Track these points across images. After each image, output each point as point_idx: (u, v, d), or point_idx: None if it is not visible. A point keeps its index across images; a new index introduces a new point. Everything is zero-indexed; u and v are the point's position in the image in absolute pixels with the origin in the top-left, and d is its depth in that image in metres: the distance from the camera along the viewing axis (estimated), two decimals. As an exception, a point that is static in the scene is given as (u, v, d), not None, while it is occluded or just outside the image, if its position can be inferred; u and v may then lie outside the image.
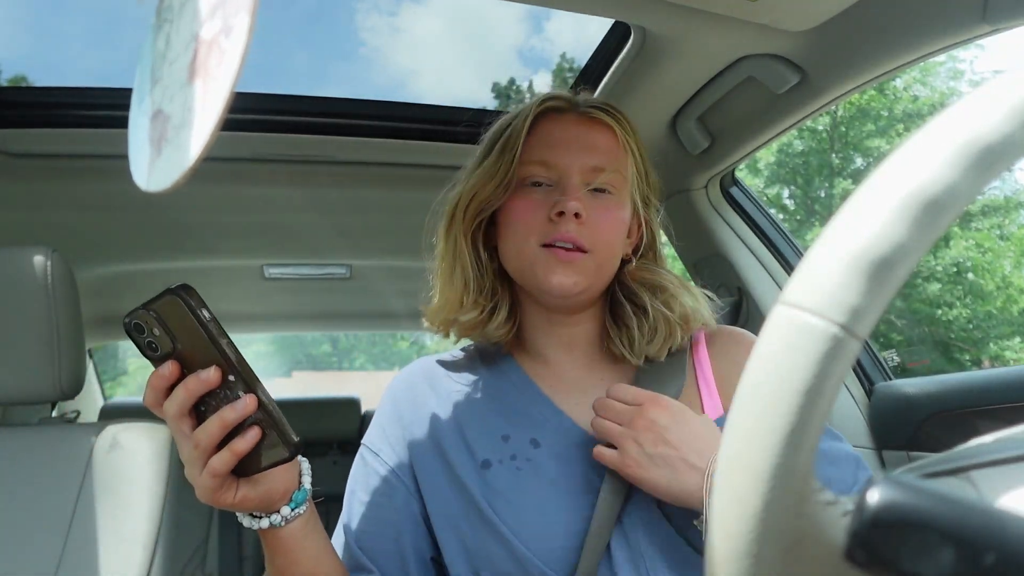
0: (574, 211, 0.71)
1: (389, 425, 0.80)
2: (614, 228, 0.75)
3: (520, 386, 0.79)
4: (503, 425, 0.75)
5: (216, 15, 0.34)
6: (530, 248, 0.73)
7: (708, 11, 0.92)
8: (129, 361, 17.40)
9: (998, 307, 10.32)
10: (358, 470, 0.80)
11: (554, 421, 0.75)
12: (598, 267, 0.74)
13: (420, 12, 38.10)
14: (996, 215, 11.10)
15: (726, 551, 0.27)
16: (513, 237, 0.76)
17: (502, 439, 0.74)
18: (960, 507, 0.24)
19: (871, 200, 0.26)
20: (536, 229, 0.73)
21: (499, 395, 0.78)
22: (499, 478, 0.71)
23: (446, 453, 0.74)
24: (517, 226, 0.75)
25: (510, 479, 0.71)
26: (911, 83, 11.63)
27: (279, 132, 1.33)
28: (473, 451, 0.74)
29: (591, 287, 0.75)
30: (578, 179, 0.74)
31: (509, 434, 0.74)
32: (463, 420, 0.76)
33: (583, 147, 0.76)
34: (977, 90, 0.26)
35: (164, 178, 0.36)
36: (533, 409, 0.76)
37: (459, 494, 0.72)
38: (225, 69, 0.32)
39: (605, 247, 0.74)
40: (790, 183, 12.82)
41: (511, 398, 0.78)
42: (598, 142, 0.77)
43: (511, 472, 0.71)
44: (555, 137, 0.76)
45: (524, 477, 0.71)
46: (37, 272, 1.06)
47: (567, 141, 0.76)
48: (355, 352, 21.41)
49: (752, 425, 0.26)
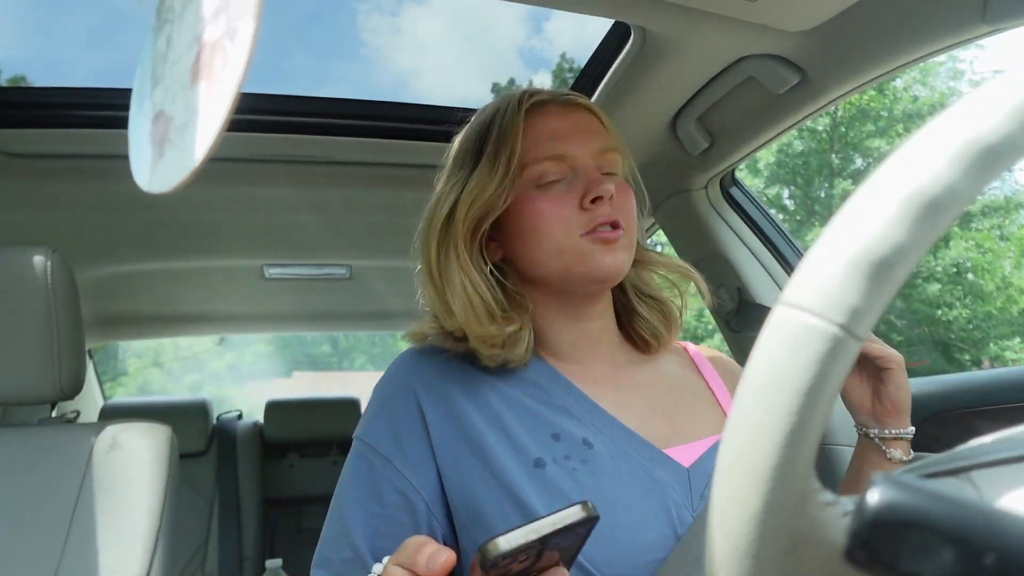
0: (610, 194, 0.71)
1: (405, 424, 0.71)
2: (632, 205, 0.75)
3: (558, 384, 0.74)
4: (551, 422, 0.70)
5: (220, 17, 0.34)
6: (572, 241, 0.71)
7: (708, 11, 0.92)
8: (129, 361, 17.41)
9: (998, 307, 10.32)
10: (361, 474, 0.71)
11: (600, 421, 0.71)
12: (630, 243, 0.74)
13: (421, 12, 38.13)
14: (996, 215, 11.10)
15: (726, 551, 0.27)
16: (547, 239, 0.71)
17: (552, 438, 0.69)
18: (960, 507, 0.24)
19: (871, 200, 0.26)
20: (572, 222, 0.71)
21: (538, 389, 0.73)
22: (557, 478, 0.66)
23: (487, 453, 0.68)
24: (549, 224, 0.71)
25: (569, 479, 0.66)
26: (911, 83, 11.63)
27: (279, 132, 1.33)
28: (523, 449, 0.68)
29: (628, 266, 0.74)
30: (593, 164, 0.74)
31: (559, 432, 0.69)
32: (507, 417, 0.70)
33: (586, 133, 0.75)
34: (977, 90, 0.26)
35: (167, 179, 0.36)
36: (575, 406, 0.72)
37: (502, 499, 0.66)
38: (230, 72, 0.32)
39: (631, 224, 0.74)
40: (790, 183, 12.82)
41: (550, 392, 0.73)
42: (593, 125, 0.77)
43: (568, 472, 0.67)
44: (555, 129, 0.74)
45: (582, 479, 0.66)
46: (37, 272, 1.06)
47: (567, 130, 0.74)
48: (355, 352, 21.40)
49: (752, 425, 0.26)
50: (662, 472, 0.68)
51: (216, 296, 2.41)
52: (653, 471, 0.68)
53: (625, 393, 0.76)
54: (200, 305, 2.52)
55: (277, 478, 2.72)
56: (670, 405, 0.76)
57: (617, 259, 0.71)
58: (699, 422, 0.75)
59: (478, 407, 0.71)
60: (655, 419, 0.73)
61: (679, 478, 0.68)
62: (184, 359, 19.37)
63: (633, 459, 0.68)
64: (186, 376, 20.03)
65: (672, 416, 0.75)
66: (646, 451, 0.69)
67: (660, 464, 0.69)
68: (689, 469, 0.69)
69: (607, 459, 0.68)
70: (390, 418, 0.73)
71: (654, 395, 0.77)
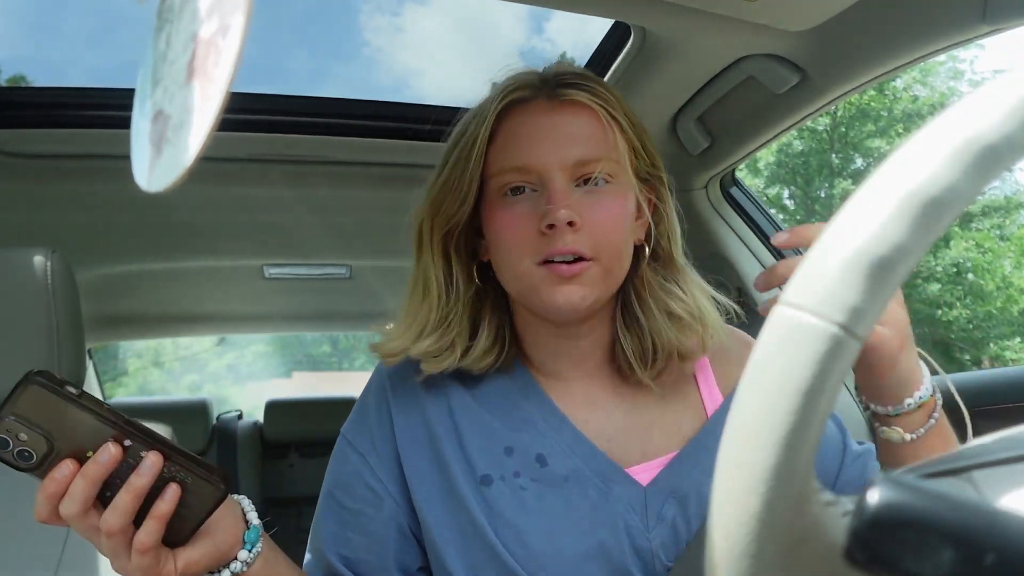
0: (566, 220, 0.61)
1: (377, 425, 0.72)
2: (616, 225, 0.65)
3: (529, 392, 0.71)
4: (507, 436, 0.68)
5: (214, 14, 0.34)
6: (525, 268, 0.64)
7: (708, 11, 0.92)
8: (129, 361, 17.42)
9: (998, 307, 10.32)
10: (339, 469, 0.72)
11: (565, 436, 0.68)
12: (605, 273, 0.65)
13: (422, 12, 38.13)
14: (996, 215, 11.10)
15: (726, 551, 0.27)
16: (505, 256, 0.66)
17: (505, 451, 0.67)
18: (960, 507, 0.24)
19: (871, 200, 0.26)
20: (528, 246, 0.64)
21: (504, 400, 0.71)
22: (500, 497, 0.65)
23: (444, 463, 0.68)
24: (506, 244, 0.66)
25: (512, 499, 0.65)
26: (911, 83, 11.63)
27: (280, 132, 1.33)
28: (473, 464, 0.67)
29: (601, 296, 0.66)
30: (562, 179, 0.64)
31: (513, 446, 0.68)
32: (463, 427, 0.69)
33: (560, 140, 0.65)
34: (977, 90, 0.26)
35: (163, 178, 0.36)
36: (541, 420, 0.69)
37: (456, 510, 0.66)
38: (221, 69, 0.32)
39: (610, 249, 0.65)
40: (790, 183, 12.82)
41: (517, 404, 0.71)
42: (577, 129, 0.66)
43: (513, 491, 0.65)
44: (524, 133, 0.66)
45: (528, 499, 0.65)
46: (37, 272, 1.06)
47: (539, 136, 0.65)
48: (355, 352, 21.40)
49: (752, 425, 0.26)
50: (618, 490, 0.66)
51: (216, 296, 2.41)
52: (608, 490, 0.66)
53: (600, 412, 0.72)
54: (200, 305, 2.52)
55: (277, 478, 2.72)
56: (647, 422, 0.71)
57: (572, 297, 0.63)
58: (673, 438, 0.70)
59: (441, 416, 0.70)
60: (627, 438, 0.70)
61: (635, 497, 0.66)
62: (184, 359, 19.38)
63: (587, 478, 0.66)
64: (186, 376, 20.04)
65: (648, 433, 0.71)
66: (605, 469, 0.67)
67: (617, 483, 0.66)
68: (646, 488, 0.66)
69: (560, 477, 0.66)
70: (367, 419, 0.74)
71: (633, 412, 0.72)
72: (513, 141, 0.66)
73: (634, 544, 0.64)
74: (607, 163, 0.66)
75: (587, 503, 0.65)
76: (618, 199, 0.67)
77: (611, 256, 0.65)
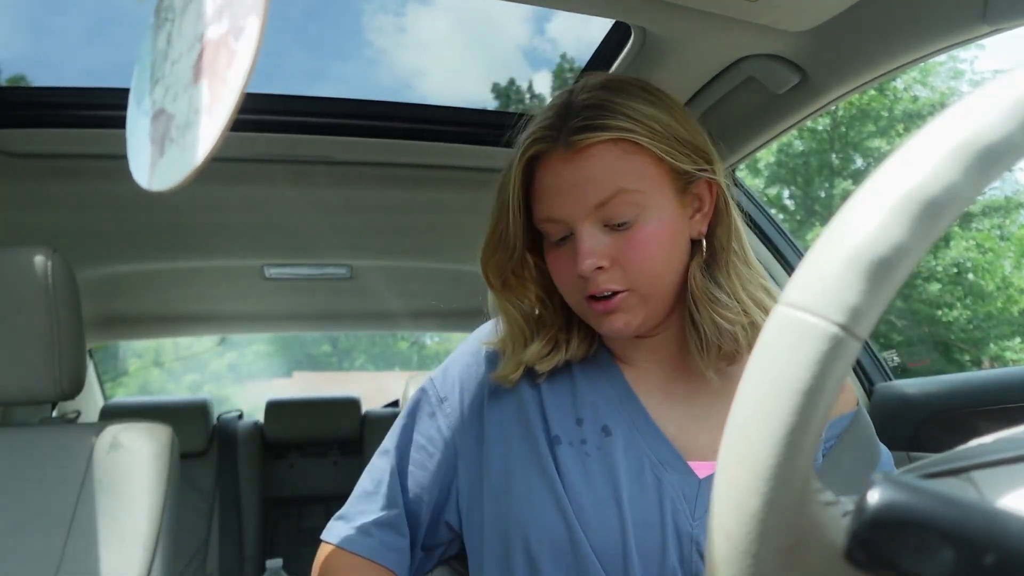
0: (592, 268, 0.67)
1: (467, 378, 0.79)
2: (648, 256, 0.68)
3: (607, 371, 0.77)
4: (580, 408, 0.74)
5: (223, 16, 0.34)
6: (575, 300, 0.72)
7: (708, 11, 0.92)
8: (129, 361, 17.42)
9: (998, 307, 10.31)
10: (421, 408, 0.80)
11: (631, 412, 0.73)
12: (644, 299, 0.69)
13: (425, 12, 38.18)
14: (996, 215, 11.10)
15: (726, 551, 0.27)
16: (560, 290, 0.74)
17: (576, 421, 0.73)
18: (960, 507, 0.24)
19: (871, 200, 0.26)
20: (572, 286, 0.71)
21: (584, 378, 0.77)
22: (566, 458, 0.71)
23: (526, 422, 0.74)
24: (559, 282, 0.74)
25: (576, 461, 0.70)
26: (911, 83, 11.62)
27: (280, 132, 1.33)
28: (549, 426, 0.73)
29: (648, 317, 0.71)
30: (587, 226, 0.68)
31: (583, 418, 0.73)
32: (545, 396, 0.76)
33: (578, 190, 0.68)
34: (977, 90, 0.26)
35: (168, 177, 0.36)
36: (614, 395, 0.75)
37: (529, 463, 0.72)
38: (236, 70, 0.32)
39: (644, 278, 0.68)
40: (790, 183, 12.82)
41: (595, 381, 0.76)
42: (593, 173, 0.67)
43: (579, 456, 0.71)
44: (549, 186, 0.70)
45: (590, 464, 0.70)
46: (37, 272, 1.06)
47: (561, 190, 0.69)
48: (355, 352, 21.39)
49: (752, 425, 0.26)
50: (672, 476, 0.69)
51: (216, 296, 2.41)
52: (662, 472, 0.69)
53: (674, 399, 0.75)
54: (200, 305, 2.52)
55: (277, 478, 2.72)
56: (718, 419, 0.73)
57: (615, 325, 0.70)
58: None
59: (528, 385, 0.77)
60: (697, 429, 0.73)
61: (688, 486, 0.68)
62: (184, 359, 19.37)
63: (645, 456, 0.70)
64: (186, 376, 20.03)
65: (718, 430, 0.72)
66: (663, 453, 0.70)
67: (673, 468, 0.69)
68: (701, 480, 0.69)
69: (620, 449, 0.70)
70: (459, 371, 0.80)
71: (706, 406, 0.74)
72: (543, 193, 0.71)
73: (677, 528, 0.67)
74: (627, 194, 0.67)
75: (639, 481, 0.69)
76: (648, 226, 0.68)
77: (648, 284, 0.69)
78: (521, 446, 0.73)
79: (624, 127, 0.67)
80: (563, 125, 0.69)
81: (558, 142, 0.69)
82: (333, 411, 2.81)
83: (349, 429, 2.75)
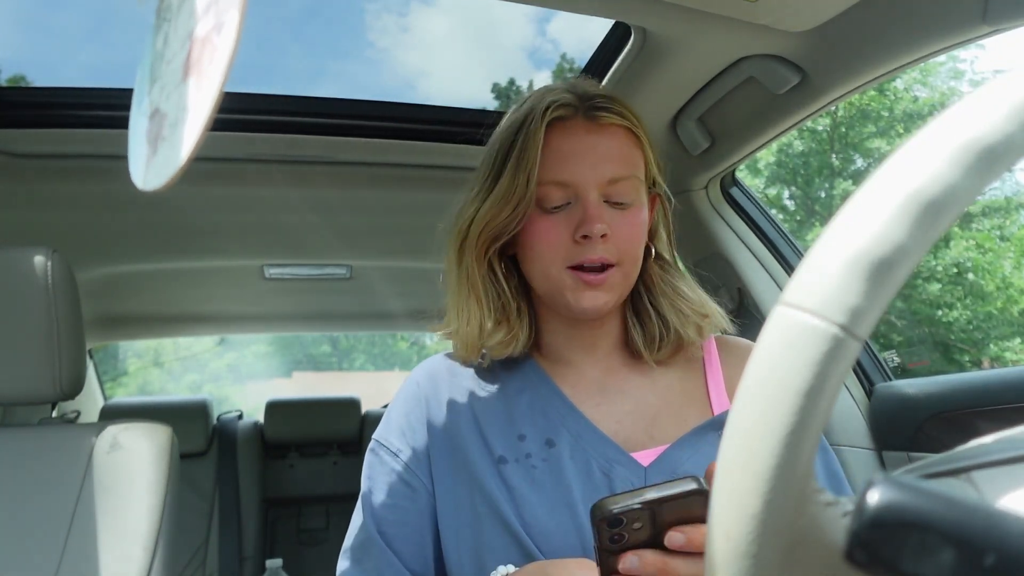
0: (600, 233, 0.69)
1: (408, 424, 0.79)
2: (638, 237, 0.74)
3: (539, 385, 0.78)
4: (519, 424, 0.75)
5: (210, 12, 0.34)
6: (556, 271, 0.72)
7: (708, 12, 0.92)
8: (129, 361, 17.41)
9: (998, 308, 10.31)
10: (375, 470, 0.78)
11: (571, 421, 0.75)
12: (625, 277, 0.74)
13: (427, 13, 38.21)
14: (997, 216, 11.10)
15: (726, 551, 0.27)
16: (539, 260, 0.74)
17: (518, 438, 0.74)
18: (960, 508, 0.24)
19: (871, 201, 0.26)
20: (561, 252, 0.72)
21: (518, 394, 0.78)
22: (513, 476, 0.71)
23: (464, 449, 0.74)
24: (541, 250, 0.73)
25: (524, 477, 0.71)
26: (911, 83, 11.62)
27: (280, 132, 1.33)
28: (490, 448, 0.74)
29: (620, 298, 0.75)
30: (596, 195, 0.71)
31: (525, 433, 0.74)
32: (481, 417, 0.76)
33: (597, 159, 0.72)
34: (977, 90, 0.26)
35: (158, 176, 0.36)
36: (551, 408, 0.76)
37: (473, 490, 0.72)
38: (216, 66, 0.32)
39: (630, 256, 0.73)
40: (790, 184, 12.82)
41: (529, 397, 0.77)
42: (611, 150, 0.73)
43: (525, 471, 0.71)
44: (567, 150, 0.72)
45: (538, 476, 0.71)
46: (37, 272, 1.06)
47: (581, 154, 0.72)
48: (355, 353, 21.40)
49: (752, 425, 0.26)
50: (619, 469, 0.71)
51: (216, 296, 2.41)
52: (610, 469, 0.71)
53: (610, 397, 0.77)
54: (200, 305, 2.52)
55: (277, 478, 2.72)
56: (653, 410, 0.77)
57: (596, 302, 0.72)
58: (679, 427, 0.75)
59: (462, 404, 0.78)
60: (633, 423, 0.75)
61: (636, 475, 0.70)
62: (184, 359, 19.38)
63: (592, 457, 0.72)
64: (186, 376, 20.03)
65: (654, 421, 0.76)
66: (608, 451, 0.72)
67: (618, 463, 0.71)
68: (647, 468, 0.71)
69: (566, 456, 0.72)
70: (398, 420, 0.80)
71: (641, 399, 0.78)
72: (556, 157, 0.72)
73: None
74: (632, 180, 0.73)
75: (589, 481, 0.70)
76: (640, 212, 0.75)
77: (631, 262, 0.74)
78: (464, 477, 0.73)
79: (633, 121, 0.75)
80: (580, 103, 0.74)
81: (579, 112, 0.74)
82: (333, 411, 2.81)
83: (349, 429, 2.75)
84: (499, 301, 0.78)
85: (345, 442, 2.77)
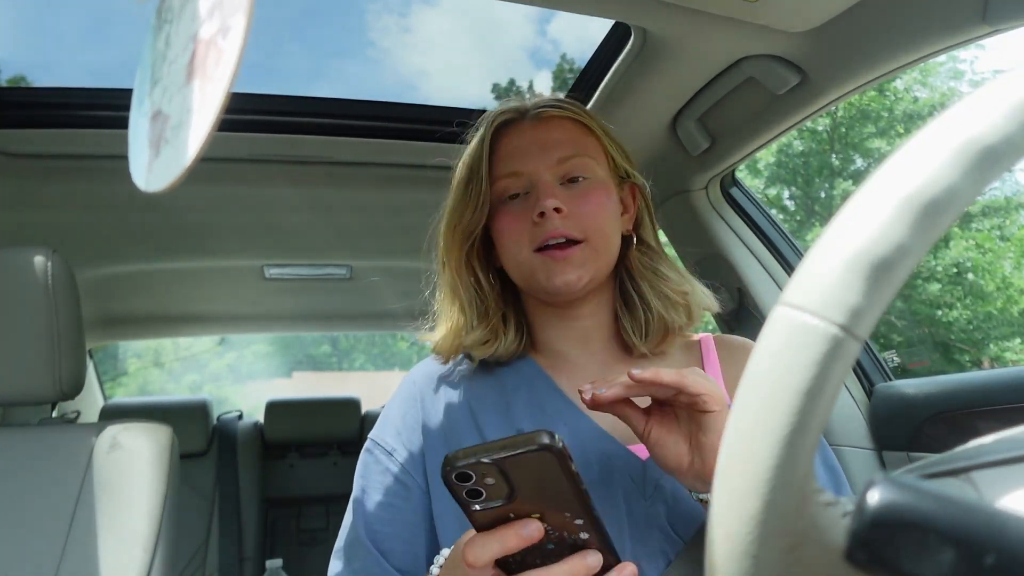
0: (552, 207, 0.72)
1: (404, 423, 0.80)
2: (599, 210, 0.76)
3: (536, 380, 0.79)
4: (517, 419, 0.76)
5: (214, 15, 0.34)
6: (525, 256, 0.75)
7: (708, 12, 0.92)
8: (129, 361, 17.41)
9: (998, 308, 10.31)
10: (369, 468, 0.79)
11: (568, 416, 0.75)
12: (596, 253, 0.75)
13: (428, 13, 38.22)
14: (997, 216, 11.09)
15: (726, 551, 0.27)
16: (508, 250, 0.78)
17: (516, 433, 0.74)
18: (960, 508, 0.24)
19: (871, 201, 0.26)
20: (525, 237, 0.75)
21: (514, 389, 0.79)
22: None
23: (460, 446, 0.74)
24: (507, 239, 0.77)
25: None
26: (911, 84, 11.62)
27: (280, 133, 1.33)
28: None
29: (595, 275, 0.76)
30: (549, 176, 0.76)
31: (523, 428, 0.75)
32: (478, 414, 0.77)
33: (543, 146, 0.77)
34: (977, 90, 0.26)
35: (161, 178, 0.36)
36: (548, 403, 0.77)
37: None
38: (222, 69, 0.32)
39: (597, 231, 0.75)
40: (790, 184, 12.81)
41: (527, 393, 0.78)
42: (556, 136, 0.78)
43: None
44: (515, 146, 0.78)
45: None
46: (37, 272, 1.06)
47: (527, 146, 0.78)
48: (355, 353, 21.40)
49: (752, 425, 0.26)
50: (618, 463, 0.71)
51: (216, 296, 2.41)
52: (609, 463, 0.71)
53: None
54: (200, 305, 2.52)
55: (277, 478, 2.72)
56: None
57: (568, 278, 0.73)
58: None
59: (461, 407, 0.79)
60: None
61: (634, 469, 0.71)
62: (184, 359, 19.37)
63: (591, 453, 0.72)
64: (186, 376, 20.03)
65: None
66: (607, 446, 0.72)
67: (617, 457, 0.72)
68: (646, 461, 0.71)
69: None
70: (393, 421, 0.81)
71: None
72: (506, 152, 0.79)
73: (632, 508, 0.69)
74: (584, 158, 0.77)
75: (590, 476, 0.69)
76: (599, 190, 0.77)
77: (599, 237, 0.75)
78: None
79: (580, 114, 0.81)
80: (527, 109, 0.81)
81: (525, 116, 0.80)
82: (333, 411, 2.81)
83: (349, 429, 2.75)
84: (482, 306, 0.81)
85: (345, 442, 2.77)
